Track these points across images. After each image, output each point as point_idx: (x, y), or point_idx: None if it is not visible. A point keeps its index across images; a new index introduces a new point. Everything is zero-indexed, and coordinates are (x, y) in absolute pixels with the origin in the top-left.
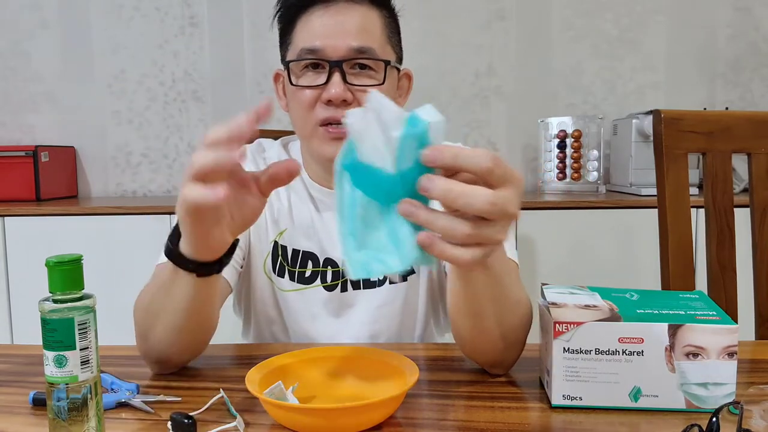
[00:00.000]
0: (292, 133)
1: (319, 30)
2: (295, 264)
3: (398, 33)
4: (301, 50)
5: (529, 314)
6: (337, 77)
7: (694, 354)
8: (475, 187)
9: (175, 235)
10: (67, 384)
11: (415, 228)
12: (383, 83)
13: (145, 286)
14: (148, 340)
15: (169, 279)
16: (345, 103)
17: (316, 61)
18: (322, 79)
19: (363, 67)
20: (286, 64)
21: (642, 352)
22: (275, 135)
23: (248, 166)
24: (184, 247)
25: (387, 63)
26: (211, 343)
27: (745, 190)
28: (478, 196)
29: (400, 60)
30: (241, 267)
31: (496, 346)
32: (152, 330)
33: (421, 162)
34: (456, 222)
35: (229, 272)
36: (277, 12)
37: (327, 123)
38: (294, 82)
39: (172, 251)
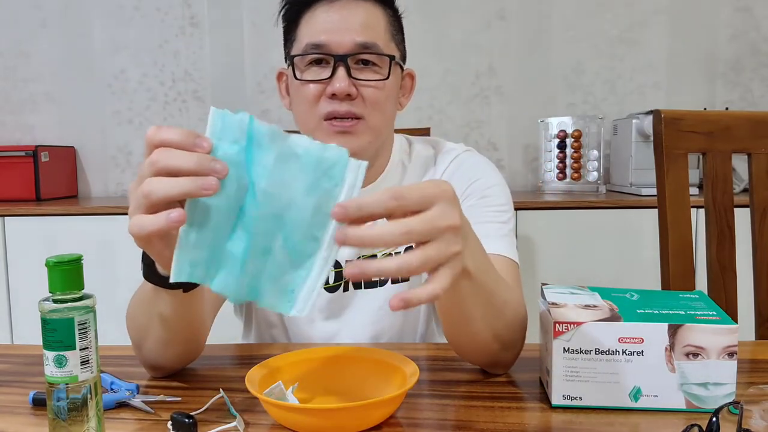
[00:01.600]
0: (294, 131)
1: (323, 25)
2: None
3: (402, 32)
4: (306, 45)
5: (522, 314)
6: (341, 71)
7: (694, 354)
8: (382, 227)
9: (149, 257)
10: (67, 384)
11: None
12: (387, 78)
13: (132, 299)
14: (141, 350)
15: (152, 297)
16: (349, 98)
17: (321, 56)
18: (327, 73)
19: (367, 63)
20: (290, 59)
21: (642, 352)
22: None
23: None
24: (161, 267)
25: (392, 58)
26: (211, 343)
27: (745, 190)
28: (388, 234)
29: (403, 59)
30: None
31: (490, 348)
32: (144, 343)
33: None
34: (404, 257)
35: None
36: (282, 8)
37: (331, 117)
38: (298, 77)
39: (150, 273)
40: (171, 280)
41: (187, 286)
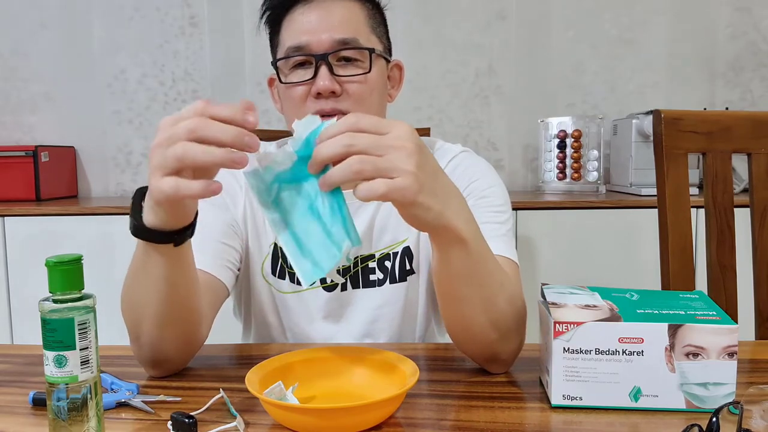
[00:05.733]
0: (291, 134)
1: (302, 26)
2: None
3: (384, 25)
4: (287, 49)
5: (520, 306)
6: (324, 70)
7: (694, 354)
8: (329, 140)
9: (137, 213)
10: (67, 384)
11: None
12: (369, 71)
13: (123, 285)
14: (139, 337)
15: (143, 261)
16: (334, 95)
17: (303, 57)
18: (310, 74)
19: (349, 59)
20: (274, 64)
21: (642, 352)
22: (277, 135)
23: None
24: (153, 221)
25: (371, 51)
26: (211, 343)
27: (745, 190)
28: (332, 144)
29: (388, 51)
30: (238, 269)
31: (487, 336)
32: (141, 326)
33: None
34: (347, 162)
35: (224, 274)
36: (263, 15)
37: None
38: (284, 81)
39: (142, 229)
40: (304, 285)
41: (178, 240)
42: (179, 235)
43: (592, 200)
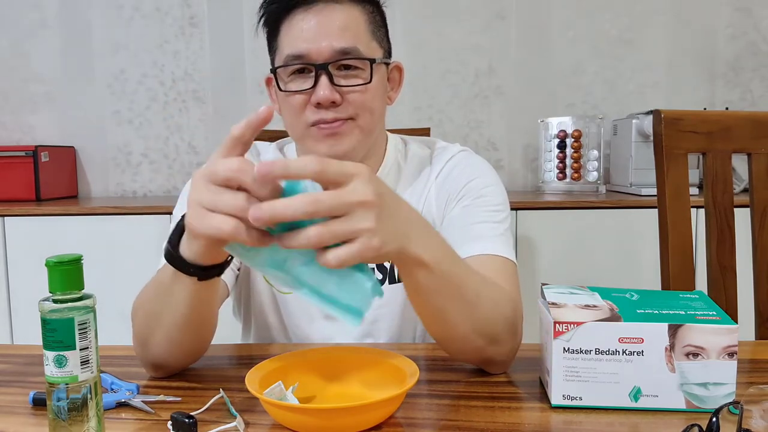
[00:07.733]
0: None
1: (302, 33)
2: None
3: (385, 26)
4: (287, 56)
5: (507, 308)
6: (324, 80)
7: (694, 354)
8: (293, 198)
9: (174, 237)
10: (67, 384)
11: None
12: (370, 81)
13: (143, 290)
14: (147, 346)
15: (170, 283)
16: (334, 105)
17: (303, 66)
18: (310, 82)
19: (349, 66)
20: (273, 70)
21: (642, 352)
22: (276, 135)
23: None
24: (187, 252)
25: (372, 61)
26: (211, 343)
27: (745, 190)
28: (297, 203)
29: (388, 53)
30: (238, 269)
31: (474, 344)
32: (152, 337)
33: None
34: (309, 229)
35: (226, 275)
36: (261, 18)
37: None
38: (283, 88)
39: (174, 256)
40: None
41: (203, 275)
42: (208, 271)
43: (592, 200)
